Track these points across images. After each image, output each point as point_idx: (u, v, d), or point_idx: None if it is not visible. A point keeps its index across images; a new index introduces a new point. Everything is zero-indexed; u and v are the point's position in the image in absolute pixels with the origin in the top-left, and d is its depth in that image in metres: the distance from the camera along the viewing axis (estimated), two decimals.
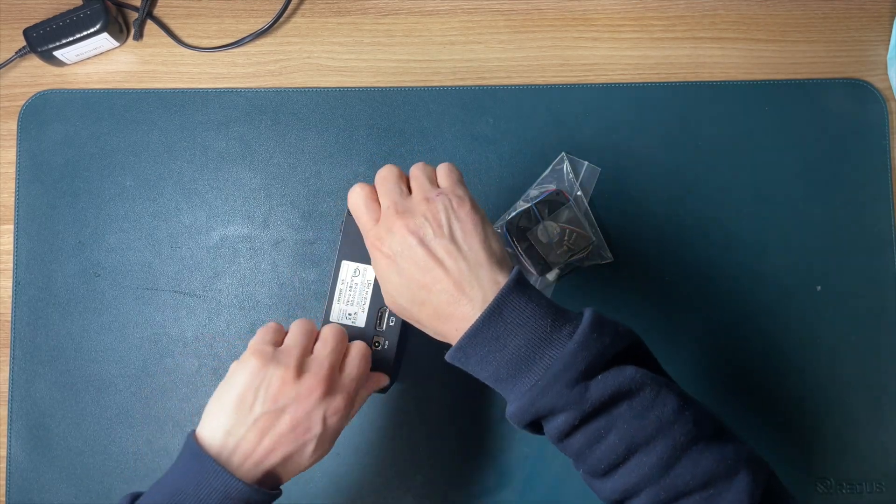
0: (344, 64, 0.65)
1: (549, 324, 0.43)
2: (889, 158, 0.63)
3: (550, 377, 0.41)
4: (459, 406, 0.61)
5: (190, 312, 0.63)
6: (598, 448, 0.42)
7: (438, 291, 0.44)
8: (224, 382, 0.47)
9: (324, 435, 0.46)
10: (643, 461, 0.41)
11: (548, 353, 0.42)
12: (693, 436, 0.42)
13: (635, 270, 0.62)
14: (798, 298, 0.62)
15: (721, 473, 0.41)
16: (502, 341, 0.43)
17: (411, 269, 0.45)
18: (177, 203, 0.64)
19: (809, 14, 0.66)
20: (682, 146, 0.63)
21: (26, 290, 0.63)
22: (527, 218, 0.60)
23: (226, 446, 0.44)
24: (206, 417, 0.46)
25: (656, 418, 0.42)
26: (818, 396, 0.61)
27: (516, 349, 0.42)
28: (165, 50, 0.66)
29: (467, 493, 0.60)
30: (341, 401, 0.47)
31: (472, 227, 0.46)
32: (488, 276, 0.44)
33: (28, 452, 0.61)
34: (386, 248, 0.46)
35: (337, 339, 0.49)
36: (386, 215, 0.47)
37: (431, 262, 0.45)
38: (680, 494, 0.41)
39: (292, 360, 0.46)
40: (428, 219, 0.45)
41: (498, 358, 0.43)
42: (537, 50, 0.65)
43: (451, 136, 0.64)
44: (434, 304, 0.45)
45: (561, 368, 0.41)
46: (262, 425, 0.45)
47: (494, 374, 0.43)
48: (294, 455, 0.46)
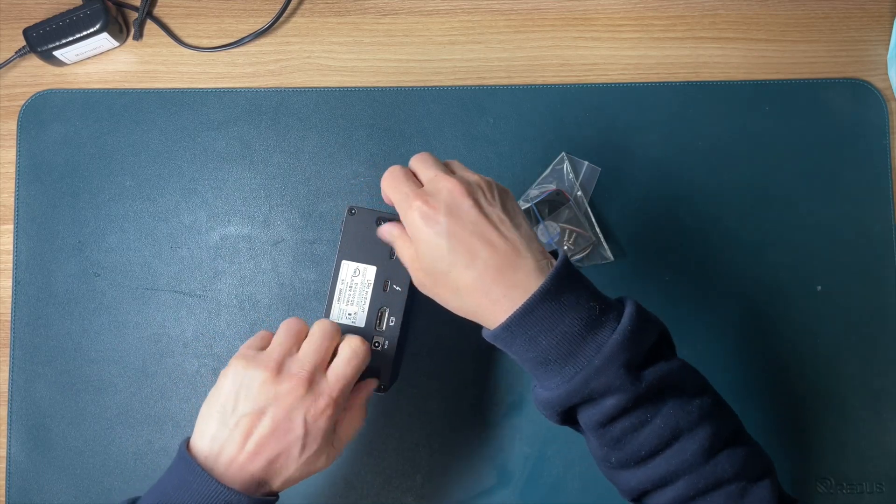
0: (344, 64, 0.65)
1: (598, 307, 0.42)
2: (889, 158, 0.63)
3: (606, 358, 0.41)
4: (459, 406, 0.61)
5: (190, 312, 0.63)
6: (642, 432, 0.42)
7: (488, 255, 0.42)
8: (212, 390, 0.47)
9: (308, 437, 0.45)
10: (686, 447, 0.42)
11: (599, 335, 0.42)
12: (731, 429, 0.43)
13: (635, 270, 0.62)
14: (798, 298, 0.62)
15: (752, 469, 0.42)
16: (556, 320, 0.42)
17: (460, 228, 0.43)
18: (177, 203, 0.64)
19: (809, 14, 0.66)
20: (682, 146, 0.63)
21: (26, 290, 0.63)
22: (527, 218, 0.60)
23: (212, 451, 0.44)
24: (197, 424, 0.46)
25: (699, 407, 0.43)
26: (818, 396, 0.61)
27: (569, 329, 0.41)
28: (165, 50, 0.66)
29: (467, 493, 0.60)
30: (324, 401, 0.45)
31: (516, 205, 0.46)
32: (540, 251, 0.44)
33: (28, 452, 0.61)
34: (433, 204, 0.43)
35: (324, 336, 0.47)
36: (434, 180, 0.44)
37: (485, 223, 0.43)
38: (718, 483, 0.42)
39: (272, 361, 0.45)
40: (481, 185, 0.45)
41: (549, 338, 0.42)
42: (537, 50, 0.65)
43: (451, 136, 0.64)
44: (480, 268, 0.42)
45: (617, 349, 0.41)
46: (244, 428, 0.44)
47: (542, 354, 0.42)
48: (280, 458, 0.45)
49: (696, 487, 0.42)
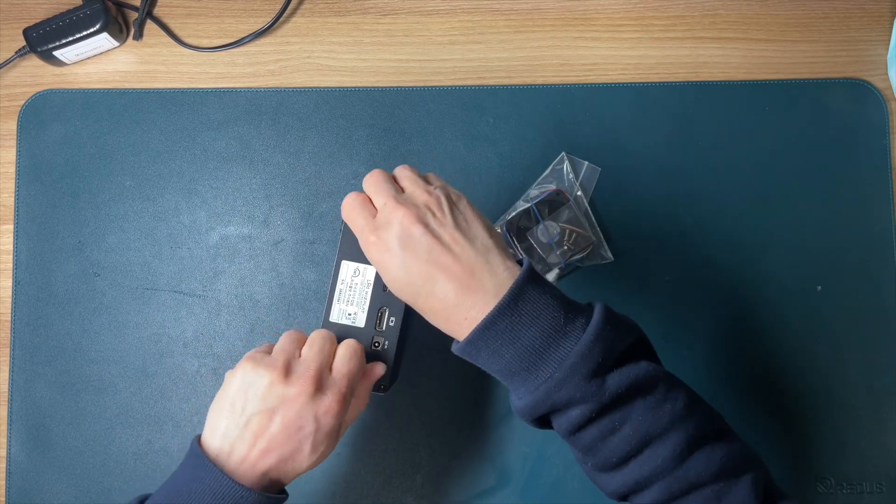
0: (344, 64, 0.65)
1: (562, 315, 0.42)
2: (889, 158, 0.63)
3: (567, 369, 0.41)
4: (459, 406, 0.61)
5: (190, 312, 0.63)
6: (612, 440, 0.42)
7: (445, 280, 0.43)
8: (220, 390, 0.47)
9: (318, 434, 0.46)
10: (657, 452, 0.41)
11: (562, 346, 0.41)
12: (705, 431, 0.42)
13: (635, 270, 0.62)
14: (798, 298, 0.62)
15: (731, 469, 0.42)
16: (516, 333, 0.42)
17: (415, 260, 0.43)
18: (177, 203, 0.64)
19: (809, 14, 0.66)
20: (682, 146, 0.63)
21: (26, 290, 0.63)
22: (527, 218, 0.60)
23: (223, 449, 0.45)
24: (207, 422, 0.47)
25: (670, 411, 0.42)
26: (818, 396, 0.61)
27: (530, 341, 0.42)
28: (165, 50, 0.66)
29: (467, 493, 0.60)
30: (332, 399, 0.46)
31: (473, 215, 0.45)
32: (500, 263, 0.44)
33: (28, 452, 0.61)
34: (386, 238, 0.44)
35: (323, 340, 0.49)
36: (384, 209, 0.45)
37: (438, 249, 0.43)
38: (692, 487, 0.41)
39: (279, 363, 0.46)
40: (430, 207, 0.44)
41: (511, 350, 0.42)
42: (537, 50, 0.65)
43: (451, 136, 0.64)
44: (440, 294, 0.43)
45: (578, 360, 0.41)
46: (255, 428, 0.45)
47: (507, 367, 0.42)
48: (291, 456, 0.45)
49: (671, 492, 0.41)
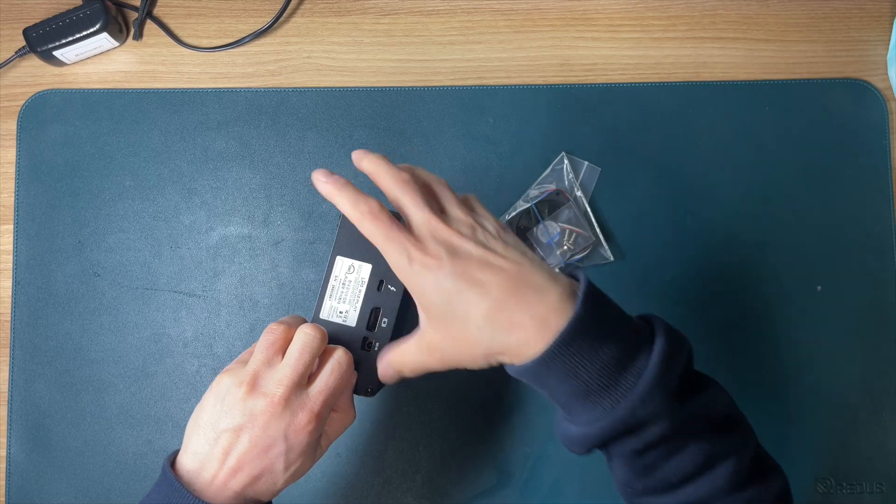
0: (344, 64, 0.65)
1: (632, 327, 0.40)
2: (889, 158, 0.63)
3: (648, 385, 0.38)
4: (459, 406, 0.61)
5: (190, 312, 0.63)
6: (675, 458, 0.40)
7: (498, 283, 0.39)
8: (198, 403, 0.46)
9: (291, 453, 0.43)
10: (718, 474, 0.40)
11: (637, 362, 0.39)
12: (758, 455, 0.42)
13: (635, 270, 0.62)
14: (798, 298, 0.62)
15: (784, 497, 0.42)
16: (596, 350, 0.38)
17: (464, 269, 0.40)
18: (176, 203, 0.64)
19: (809, 14, 0.66)
20: (682, 146, 0.63)
21: (26, 290, 0.63)
22: (527, 218, 0.60)
23: (194, 467, 0.43)
24: (184, 439, 0.45)
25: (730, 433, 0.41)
26: (818, 396, 0.61)
27: (609, 359, 0.38)
28: (165, 50, 0.66)
29: (467, 493, 0.60)
30: (304, 416, 0.43)
31: (517, 239, 0.43)
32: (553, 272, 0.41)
33: (28, 452, 0.61)
34: (430, 250, 0.40)
35: (303, 349, 0.45)
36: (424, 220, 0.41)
37: (490, 257, 0.40)
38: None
39: (248, 376, 0.44)
40: (478, 222, 0.42)
41: (589, 369, 0.38)
42: (537, 50, 0.65)
43: (451, 136, 0.64)
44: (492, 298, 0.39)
45: (658, 376, 0.38)
46: (224, 444, 0.43)
47: (582, 388, 0.38)
48: (263, 475, 0.43)
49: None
